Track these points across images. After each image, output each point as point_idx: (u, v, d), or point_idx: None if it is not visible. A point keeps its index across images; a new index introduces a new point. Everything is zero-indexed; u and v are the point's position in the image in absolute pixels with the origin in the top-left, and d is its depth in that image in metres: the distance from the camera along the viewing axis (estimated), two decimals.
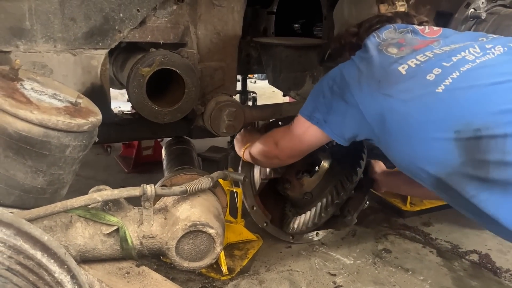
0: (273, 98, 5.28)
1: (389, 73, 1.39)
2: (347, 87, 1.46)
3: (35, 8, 1.59)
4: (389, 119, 1.36)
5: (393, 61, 1.41)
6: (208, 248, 1.44)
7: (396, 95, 1.34)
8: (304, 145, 1.70)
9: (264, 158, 1.93)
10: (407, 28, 1.57)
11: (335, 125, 1.53)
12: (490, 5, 1.98)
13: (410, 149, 1.34)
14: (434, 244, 2.59)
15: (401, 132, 1.34)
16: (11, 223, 0.95)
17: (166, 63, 1.82)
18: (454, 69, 1.30)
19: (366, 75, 1.43)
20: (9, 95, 1.20)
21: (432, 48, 1.42)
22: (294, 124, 1.68)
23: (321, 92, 1.57)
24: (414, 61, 1.38)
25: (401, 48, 1.46)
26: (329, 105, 1.52)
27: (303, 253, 2.43)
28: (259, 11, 2.99)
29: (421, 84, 1.31)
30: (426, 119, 1.28)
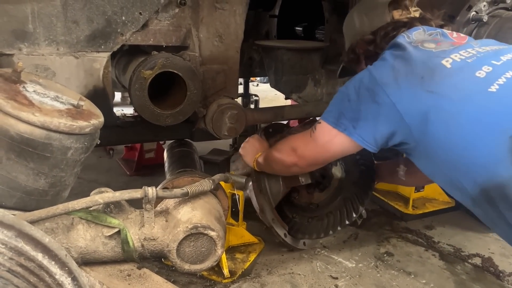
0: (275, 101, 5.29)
1: (432, 67, 1.27)
2: (380, 88, 1.34)
3: (38, 11, 1.60)
4: (433, 119, 1.24)
5: (434, 55, 1.30)
6: (209, 251, 1.43)
7: (443, 91, 1.23)
8: (330, 154, 1.58)
9: (283, 167, 1.82)
10: (435, 30, 1.50)
11: (366, 131, 1.40)
12: (491, 8, 1.98)
13: (457, 154, 1.22)
14: (436, 248, 2.58)
15: (449, 134, 1.22)
16: (12, 225, 0.96)
17: (168, 66, 1.82)
18: (507, 68, 1.21)
19: (404, 71, 1.32)
20: (12, 97, 1.20)
21: (473, 46, 1.33)
22: (318, 131, 1.55)
23: (346, 96, 1.46)
24: (457, 55, 1.28)
25: (438, 43, 1.37)
26: (357, 110, 1.40)
27: (305, 256, 2.42)
28: (261, 14, 3.00)
29: (470, 81, 1.21)
30: (477, 119, 1.18)
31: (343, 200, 2.28)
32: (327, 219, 2.26)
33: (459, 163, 1.23)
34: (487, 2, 1.97)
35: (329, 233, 2.22)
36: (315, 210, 2.33)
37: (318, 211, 2.32)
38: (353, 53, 1.73)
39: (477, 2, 1.95)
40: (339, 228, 2.21)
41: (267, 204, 2.15)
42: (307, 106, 2.57)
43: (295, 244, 2.34)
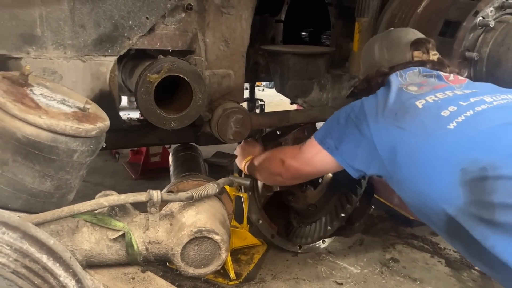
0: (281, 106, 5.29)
1: (406, 107, 1.38)
2: (364, 118, 1.45)
3: (46, 15, 1.62)
4: (400, 152, 1.33)
5: (412, 97, 1.41)
6: (213, 255, 1.43)
7: (410, 128, 1.33)
8: (311, 169, 1.66)
9: (267, 174, 1.90)
10: (431, 73, 1.56)
11: (347, 154, 1.50)
12: (498, 14, 1.97)
13: (419, 185, 1.30)
14: (442, 254, 2.56)
15: (411, 166, 1.31)
16: (17, 227, 0.96)
17: (174, 70, 1.83)
18: (470, 108, 1.28)
19: (383, 108, 1.43)
20: (19, 100, 1.22)
21: (453, 89, 1.42)
22: (306, 145, 1.65)
23: (337, 118, 1.57)
24: (432, 97, 1.37)
25: (421, 87, 1.46)
26: (342, 132, 1.51)
27: (310, 261, 2.41)
28: (268, 19, 3.01)
29: (435, 119, 1.30)
30: (435, 154, 1.25)
31: (338, 196, 2.30)
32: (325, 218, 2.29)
33: (423, 195, 1.29)
34: (494, 8, 1.95)
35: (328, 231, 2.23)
36: (316, 212, 2.35)
37: (318, 213, 2.34)
38: (367, 83, 1.76)
39: (484, 8, 1.93)
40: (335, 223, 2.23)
41: (254, 205, 2.28)
42: (313, 110, 2.56)
43: (284, 246, 2.41)
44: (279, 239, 2.38)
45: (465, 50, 1.94)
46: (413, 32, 1.77)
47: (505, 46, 1.91)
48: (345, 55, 2.67)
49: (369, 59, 1.83)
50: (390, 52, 1.73)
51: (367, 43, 1.93)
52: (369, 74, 1.76)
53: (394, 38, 1.77)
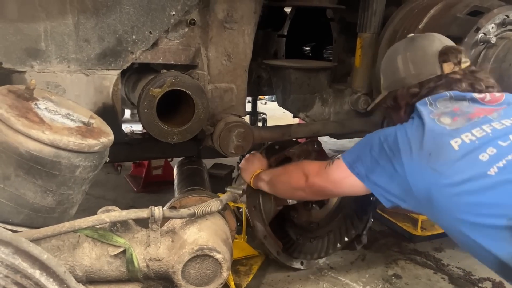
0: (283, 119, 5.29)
1: (441, 147, 1.30)
2: (398, 153, 1.38)
3: (51, 29, 1.63)
4: (436, 197, 1.28)
5: (446, 133, 1.32)
6: (214, 273, 1.42)
7: (446, 172, 1.26)
8: (338, 191, 1.63)
9: (287, 187, 1.82)
10: (464, 96, 1.45)
11: (380, 185, 1.44)
12: (500, 30, 1.98)
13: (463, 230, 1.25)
14: (446, 271, 2.53)
15: (451, 213, 1.26)
16: (9, 242, 0.95)
17: (177, 84, 1.84)
18: (511, 150, 1.23)
19: (418, 144, 1.35)
20: (23, 114, 1.22)
21: (491, 121, 1.32)
22: (334, 166, 1.57)
23: (370, 145, 1.48)
24: (469, 135, 1.29)
25: (454, 118, 1.37)
26: (375, 163, 1.44)
27: (312, 277, 2.39)
28: (270, 34, 3.03)
29: (473, 165, 1.24)
30: (476, 203, 1.21)
31: (343, 218, 2.28)
32: (328, 238, 2.26)
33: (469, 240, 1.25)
34: (496, 24, 1.96)
35: (329, 252, 2.22)
36: (317, 230, 2.33)
37: (319, 231, 2.32)
38: (394, 100, 1.68)
39: (485, 24, 1.94)
40: (338, 245, 2.22)
41: (260, 221, 2.19)
42: (315, 125, 2.56)
43: (289, 263, 2.35)
44: (284, 256, 2.32)
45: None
46: (439, 40, 1.62)
47: (506, 62, 1.92)
48: (347, 70, 2.68)
49: (393, 73, 1.68)
50: (416, 66, 1.58)
51: (388, 54, 1.77)
52: (397, 91, 1.64)
53: (418, 48, 1.61)
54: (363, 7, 2.32)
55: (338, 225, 2.28)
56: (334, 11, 2.72)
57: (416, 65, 1.59)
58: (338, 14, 2.72)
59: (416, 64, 1.59)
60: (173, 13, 1.81)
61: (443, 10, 2.13)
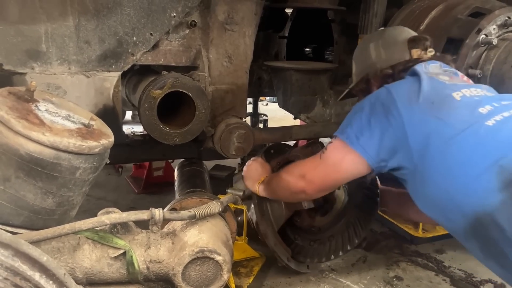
0: (284, 120, 5.29)
1: (443, 97, 1.36)
2: (394, 105, 1.38)
3: (51, 31, 1.63)
4: (434, 143, 1.30)
5: (447, 87, 1.39)
6: (215, 275, 1.41)
7: (448, 119, 1.30)
8: (340, 175, 1.55)
9: (288, 193, 1.77)
10: (451, 69, 1.56)
11: (369, 144, 1.41)
12: (501, 31, 1.97)
13: (450, 179, 1.26)
14: (447, 272, 2.52)
15: (444, 159, 1.28)
16: (9, 244, 0.94)
17: (178, 85, 1.84)
18: (505, 109, 1.29)
19: (417, 95, 1.38)
20: (23, 116, 1.22)
21: (481, 88, 1.42)
22: (328, 150, 1.54)
23: (360, 108, 1.49)
24: (468, 91, 1.37)
25: (451, 77, 1.45)
26: (366, 121, 1.43)
27: (312, 279, 2.38)
28: (271, 36, 3.03)
29: (473, 114, 1.29)
30: (473, 149, 1.24)
31: (345, 224, 2.26)
32: (329, 243, 2.25)
33: (451, 191, 1.26)
34: (497, 25, 1.96)
35: (331, 257, 2.21)
36: (317, 233, 2.32)
37: (320, 234, 2.31)
38: (366, 83, 1.73)
39: (486, 25, 1.94)
40: (341, 253, 2.21)
41: (270, 228, 2.12)
42: (316, 126, 2.56)
43: (299, 268, 2.30)
44: (294, 262, 2.25)
45: (468, 67, 1.94)
46: (408, 31, 1.75)
47: (508, 63, 1.91)
48: (348, 71, 2.67)
49: (365, 59, 1.77)
50: (388, 51, 1.69)
51: (360, 43, 1.87)
52: (368, 74, 1.71)
53: (389, 37, 1.74)
54: (364, 8, 2.32)
55: (341, 231, 2.25)
56: (335, 13, 2.72)
57: (387, 51, 1.69)
58: (339, 16, 2.72)
59: (387, 50, 1.70)
60: (174, 15, 1.81)
61: (444, 11, 2.12)
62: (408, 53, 1.64)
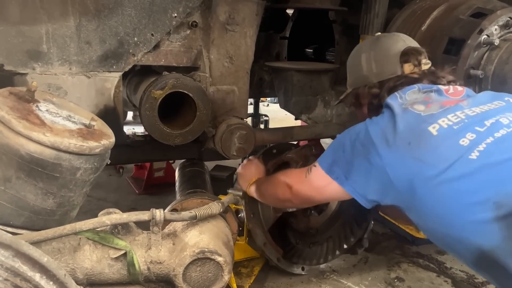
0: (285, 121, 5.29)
1: (419, 134, 1.29)
2: (373, 147, 1.35)
3: (52, 32, 1.63)
4: (419, 186, 1.25)
5: (422, 120, 1.32)
6: (216, 276, 1.41)
7: (428, 159, 1.24)
8: (324, 197, 1.60)
9: (275, 200, 1.81)
10: (431, 88, 1.47)
11: (358, 184, 1.40)
12: (503, 32, 1.97)
13: (446, 220, 1.22)
14: (449, 274, 2.52)
15: (433, 200, 1.23)
16: (9, 244, 0.94)
17: (179, 86, 1.84)
18: (488, 134, 1.23)
19: (393, 135, 1.33)
20: (24, 117, 1.22)
21: (462, 108, 1.33)
22: (313, 174, 1.53)
23: (342, 145, 1.46)
24: (445, 120, 1.29)
25: (428, 105, 1.37)
26: (350, 163, 1.41)
27: (314, 280, 2.37)
28: (273, 36, 3.02)
29: (454, 149, 1.23)
30: (460, 188, 1.19)
31: (342, 224, 2.26)
32: (327, 244, 2.24)
33: (450, 230, 1.23)
34: (499, 26, 1.95)
35: (328, 259, 2.21)
36: (315, 235, 2.32)
37: (318, 236, 2.30)
38: (356, 98, 1.69)
39: (488, 26, 1.94)
40: (337, 253, 2.21)
41: (259, 228, 2.14)
42: (317, 127, 2.56)
43: (290, 269, 2.32)
44: (284, 263, 2.28)
45: (470, 68, 1.93)
46: (403, 40, 1.65)
47: (510, 64, 1.91)
48: None
49: (357, 71, 1.71)
50: (378, 64, 1.61)
51: (353, 51, 1.80)
52: (359, 90, 1.67)
53: (382, 48, 1.65)
54: (366, 9, 2.31)
55: (338, 231, 2.26)
56: (336, 13, 2.71)
57: (378, 64, 1.61)
58: (341, 16, 2.72)
59: (378, 63, 1.61)
60: (175, 15, 1.81)
61: (445, 12, 2.12)
62: (399, 68, 1.57)
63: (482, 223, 1.14)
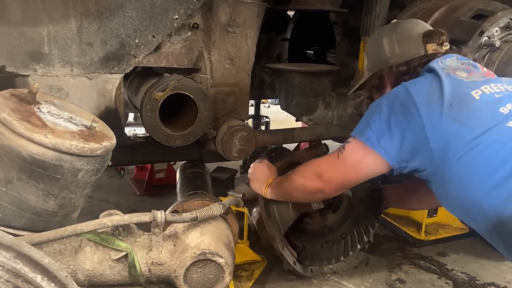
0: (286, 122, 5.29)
1: (462, 97, 1.31)
2: (414, 106, 1.35)
3: (54, 33, 1.64)
4: (454, 147, 1.26)
5: (465, 85, 1.34)
6: (217, 278, 1.41)
7: (467, 121, 1.26)
8: (360, 175, 1.53)
9: (303, 194, 1.73)
10: (468, 61, 1.51)
11: (390, 144, 1.39)
12: (504, 33, 1.97)
13: (471, 185, 1.24)
14: (450, 275, 2.51)
15: (465, 163, 1.25)
16: (10, 246, 0.94)
17: (180, 87, 1.84)
18: None
19: (436, 96, 1.34)
20: (25, 118, 1.22)
21: (502, 82, 1.36)
22: (347, 150, 1.49)
23: (378, 107, 1.44)
24: (488, 88, 1.32)
25: (470, 73, 1.39)
26: (386, 122, 1.39)
27: (314, 281, 2.37)
28: (273, 38, 3.03)
29: (494, 115, 1.25)
30: (492, 153, 1.20)
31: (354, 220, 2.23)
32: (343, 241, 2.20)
33: (473, 195, 1.24)
34: (500, 28, 1.96)
35: (340, 258, 2.17)
36: (328, 234, 2.28)
37: (332, 235, 2.27)
38: (379, 79, 1.70)
39: (489, 27, 1.94)
40: (351, 253, 2.17)
41: (277, 232, 2.09)
42: (318, 128, 2.56)
43: (305, 272, 2.28)
44: (300, 267, 2.22)
45: None
46: (422, 24, 1.70)
47: (511, 65, 1.91)
48: (350, 74, 2.68)
49: (379, 54, 1.72)
50: (402, 46, 1.64)
51: (373, 37, 1.83)
52: (382, 71, 1.67)
53: (403, 30, 1.68)
54: (366, 10, 2.32)
55: (350, 230, 2.22)
56: (337, 15, 2.72)
57: (401, 45, 1.65)
58: (341, 18, 2.72)
59: (401, 45, 1.65)
60: (176, 17, 1.81)
61: (446, 13, 2.12)
62: (423, 48, 1.60)
63: (506, 191, 1.16)
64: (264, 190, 1.92)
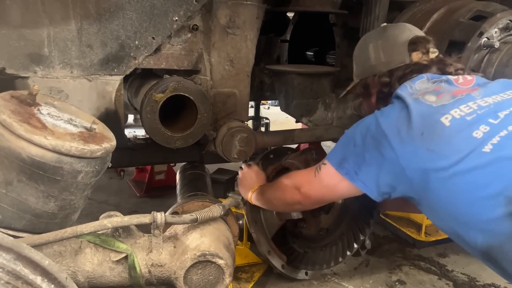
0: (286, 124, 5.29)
1: (432, 124, 1.28)
2: (385, 139, 1.34)
3: (54, 35, 1.64)
4: (432, 177, 1.25)
5: (434, 111, 1.31)
6: (217, 279, 1.41)
7: (441, 150, 1.24)
8: (335, 195, 1.61)
9: (282, 204, 1.78)
10: (440, 78, 1.47)
11: (368, 178, 1.39)
12: (503, 34, 1.97)
13: (456, 211, 1.22)
14: (450, 276, 2.51)
15: (446, 192, 1.24)
16: (11, 248, 0.94)
17: (180, 89, 1.84)
18: (502, 127, 1.22)
19: (406, 126, 1.32)
20: (25, 120, 1.22)
21: (474, 98, 1.33)
22: (323, 172, 1.51)
23: (352, 140, 1.44)
24: (457, 111, 1.28)
25: (439, 96, 1.36)
26: (361, 156, 1.39)
27: (315, 283, 2.37)
28: (273, 39, 3.03)
29: (467, 141, 1.22)
30: (473, 180, 1.18)
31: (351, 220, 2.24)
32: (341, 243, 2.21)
33: (460, 222, 1.23)
34: (499, 29, 1.96)
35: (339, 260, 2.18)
36: (326, 237, 2.29)
37: (330, 237, 2.28)
38: (364, 88, 1.69)
39: (488, 28, 1.94)
40: (348, 253, 2.18)
41: (263, 236, 2.13)
42: (317, 130, 2.56)
43: (294, 275, 2.29)
44: (289, 269, 2.26)
45: (470, 70, 1.94)
46: (409, 29, 1.66)
47: (510, 66, 1.91)
48: (349, 75, 2.66)
49: (364, 60, 1.71)
50: (386, 54, 1.61)
51: (360, 41, 1.80)
52: (368, 79, 1.66)
53: (389, 37, 1.65)
54: (366, 12, 2.32)
55: (346, 231, 2.23)
56: (337, 16, 2.72)
57: (386, 53, 1.62)
58: (341, 19, 2.72)
59: (386, 52, 1.62)
60: (176, 19, 1.82)
61: (446, 14, 2.13)
62: (408, 56, 1.57)
63: (491, 218, 1.14)
64: (249, 196, 1.94)
